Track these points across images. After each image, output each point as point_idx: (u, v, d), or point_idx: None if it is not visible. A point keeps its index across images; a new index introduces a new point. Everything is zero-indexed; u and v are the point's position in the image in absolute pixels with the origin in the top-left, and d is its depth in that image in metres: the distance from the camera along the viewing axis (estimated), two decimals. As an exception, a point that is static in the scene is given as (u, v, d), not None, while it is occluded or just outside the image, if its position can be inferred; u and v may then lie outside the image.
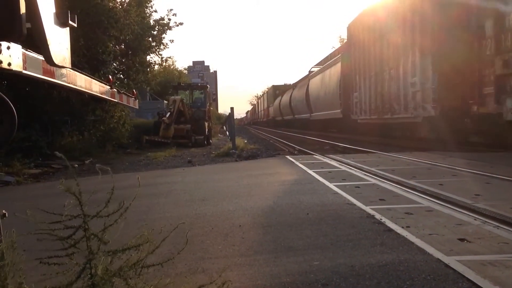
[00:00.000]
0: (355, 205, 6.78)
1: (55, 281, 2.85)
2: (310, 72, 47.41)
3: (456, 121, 17.29)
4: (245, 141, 25.90)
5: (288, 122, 61.41)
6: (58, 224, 2.87)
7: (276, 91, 76.48)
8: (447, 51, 16.97)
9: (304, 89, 46.56)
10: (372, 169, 10.82)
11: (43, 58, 3.57)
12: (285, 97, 62.83)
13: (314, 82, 42.32)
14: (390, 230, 5.23)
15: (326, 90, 36.32)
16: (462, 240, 4.70)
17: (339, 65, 32.63)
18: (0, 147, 11.10)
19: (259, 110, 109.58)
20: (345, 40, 61.42)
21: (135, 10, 23.98)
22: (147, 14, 27.01)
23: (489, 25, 15.20)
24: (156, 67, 32.06)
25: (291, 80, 79.01)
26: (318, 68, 43.50)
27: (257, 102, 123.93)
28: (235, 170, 13.19)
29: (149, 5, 27.09)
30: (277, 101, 72.37)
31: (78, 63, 17.15)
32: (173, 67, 67.78)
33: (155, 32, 27.54)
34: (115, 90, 11.18)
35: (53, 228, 2.85)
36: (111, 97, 10.79)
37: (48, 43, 2.89)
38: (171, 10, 28.03)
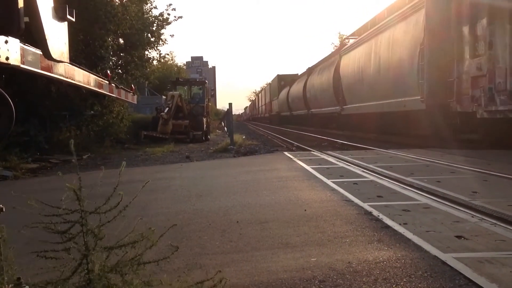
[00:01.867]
0: (352, 201, 6.79)
1: (52, 276, 2.85)
2: (343, 44, 32.92)
3: None
4: (243, 137, 25.91)
5: (300, 118, 49.98)
6: (56, 218, 2.87)
7: (281, 82, 65.67)
8: None
9: (330, 72, 33.26)
10: (370, 165, 10.83)
11: (41, 53, 3.56)
12: (296, 87, 51.16)
13: (352, 58, 28.30)
14: (388, 227, 5.24)
15: (383, 66, 22.34)
16: (459, 237, 4.71)
17: (419, 15, 18.65)
18: (-2, 141, 11.10)
19: (260, 105, 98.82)
20: (345, 36, 58.45)
21: (134, 6, 23.91)
22: (147, 10, 26.92)
23: None
24: (155, 62, 31.94)
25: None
26: (356, 40, 28.93)
27: (257, 96, 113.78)
28: (233, 166, 13.19)
29: (149, 1, 27.02)
30: (283, 93, 61.34)
31: (76, 58, 17.11)
32: (172, 62, 67.65)
33: (154, 28, 27.45)
34: (114, 85, 11.16)
35: (50, 221, 2.85)
36: (109, 92, 10.77)
37: (46, 37, 2.88)
38: (170, 5, 27.95)
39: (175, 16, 28.02)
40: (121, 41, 25.37)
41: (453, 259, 4.02)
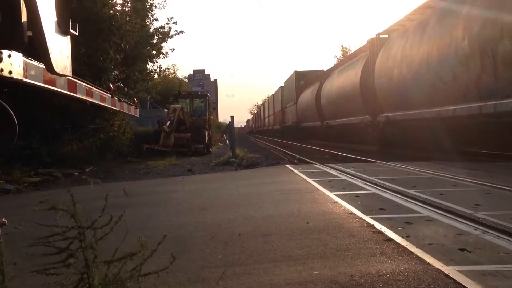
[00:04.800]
0: (355, 214, 6.77)
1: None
2: None
3: None
4: (245, 150, 25.91)
5: (346, 131, 32.16)
6: (56, 234, 2.87)
7: (300, 81, 49.81)
8: None
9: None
10: (372, 178, 10.81)
11: (44, 67, 3.57)
12: (336, 82, 33.47)
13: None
14: (390, 239, 5.22)
15: None
16: (462, 250, 4.69)
17: None
18: (1, 155, 11.12)
19: (266, 116, 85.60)
20: (347, 49, 54.95)
21: (135, 17, 24.04)
22: (148, 23, 27.06)
23: None
24: (155, 76, 31.97)
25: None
26: None
27: (262, 106, 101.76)
28: (235, 179, 13.18)
29: (150, 14, 27.16)
30: (305, 95, 45.81)
31: (79, 71, 17.18)
32: (174, 75, 67.83)
33: (155, 41, 27.56)
34: (116, 98, 11.19)
35: (50, 240, 2.85)
36: (111, 106, 10.79)
37: (49, 51, 2.89)
38: (171, 18, 28.06)
39: (176, 30, 28.19)
40: (122, 55, 25.45)
41: (456, 272, 4.00)
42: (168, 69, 53.83)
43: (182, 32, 28.49)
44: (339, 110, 32.39)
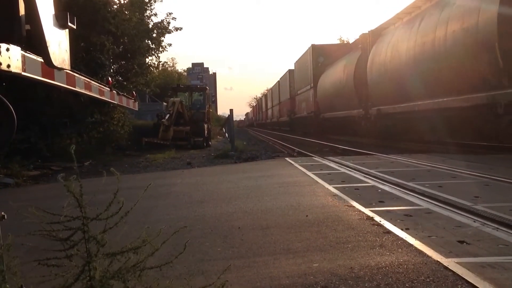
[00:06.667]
0: (354, 207, 6.78)
1: (55, 283, 2.85)
2: None
3: None
4: (244, 143, 25.90)
5: (450, 120, 16.56)
6: (58, 225, 2.87)
7: (319, 58, 38.92)
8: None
9: None
10: (372, 171, 10.82)
11: (42, 60, 3.56)
12: (412, 38, 19.14)
13: None
14: (389, 232, 5.23)
15: None
16: (461, 242, 4.70)
17: None
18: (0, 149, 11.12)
19: (269, 106, 76.20)
20: (345, 41, 53.80)
21: (133, 10, 23.96)
22: (146, 17, 26.97)
23: None
24: (154, 70, 31.84)
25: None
26: None
27: (264, 97, 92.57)
28: (234, 172, 13.18)
29: (148, 8, 27.06)
30: (333, 73, 33.84)
31: (76, 66, 17.14)
32: (173, 68, 67.68)
33: (154, 35, 27.47)
34: (115, 91, 11.19)
35: (52, 229, 2.84)
36: (110, 99, 10.80)
37: (48, 45, 2.88)
38: (170, 13, 27.95)
39: (174, 27, 28.14)
40: (121, 48, 25.36)
41: (455, 264, 4.01)
42: (167, 62, 53.62)
43: (180, 29, 28.47)
44: (412, 89, 19.19)
